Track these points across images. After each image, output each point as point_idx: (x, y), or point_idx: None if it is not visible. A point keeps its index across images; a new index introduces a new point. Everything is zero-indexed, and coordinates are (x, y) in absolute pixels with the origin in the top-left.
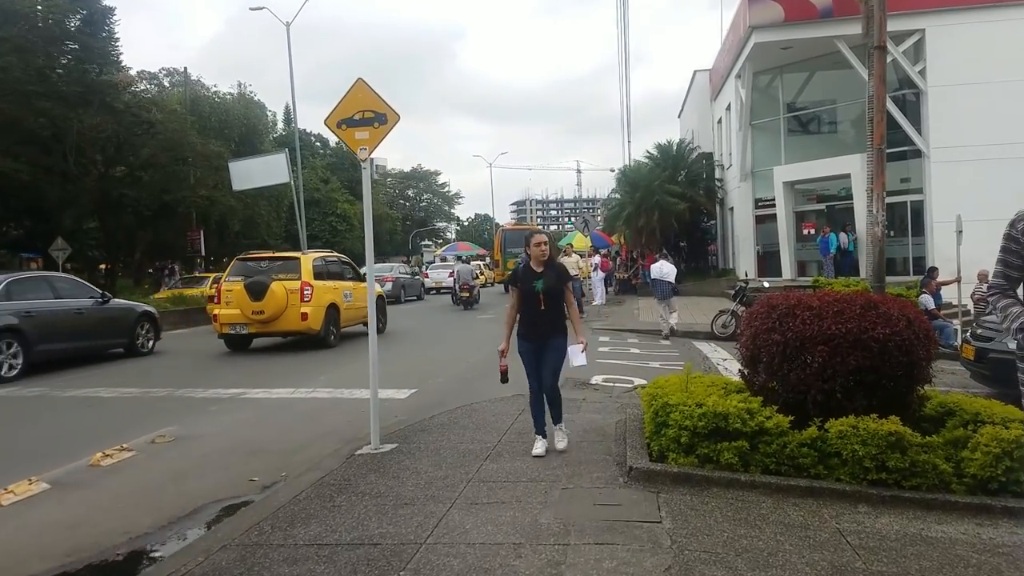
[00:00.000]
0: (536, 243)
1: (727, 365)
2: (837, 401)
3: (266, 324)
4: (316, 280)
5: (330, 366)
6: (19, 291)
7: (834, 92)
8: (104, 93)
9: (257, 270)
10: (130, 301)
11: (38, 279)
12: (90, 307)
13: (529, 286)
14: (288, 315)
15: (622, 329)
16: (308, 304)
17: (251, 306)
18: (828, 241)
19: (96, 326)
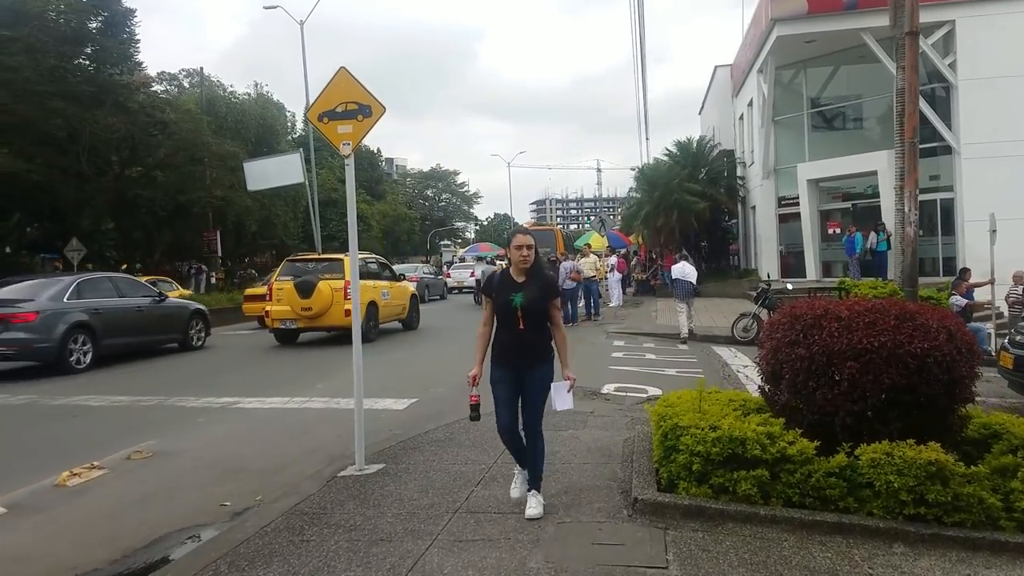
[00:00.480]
0: (517, 245)
1: (748, 373)
2: (868, 424)
3: (313, 320)
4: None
5: (333, 370)
6: (88, 290)
7: (859, 87)
8: (117, 93)
9: (305, 270)
10: (183, 300)
11: (103, 279)
12: (148, 305)
13: (506, 300)
14: (333, 312)
15: (638, 332)
16: (351, 302)
17: (300, 303)
18: (854, 241)
19: (154, 323)
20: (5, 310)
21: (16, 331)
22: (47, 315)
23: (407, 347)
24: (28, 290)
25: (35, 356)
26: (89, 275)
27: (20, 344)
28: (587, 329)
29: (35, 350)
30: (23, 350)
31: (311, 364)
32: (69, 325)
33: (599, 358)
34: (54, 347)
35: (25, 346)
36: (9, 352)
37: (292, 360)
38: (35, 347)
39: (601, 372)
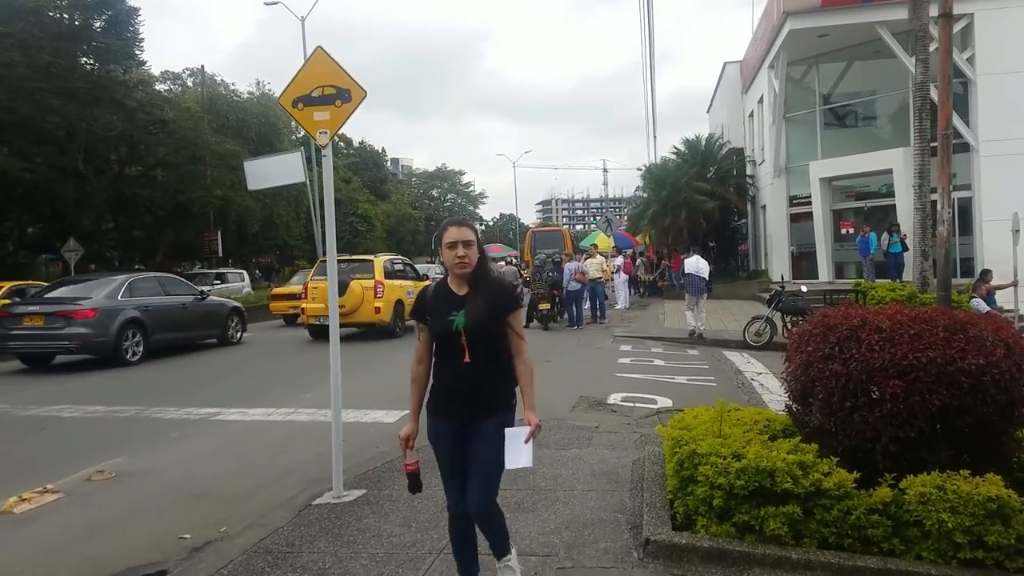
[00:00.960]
0: (450, 242)
1: (763, 381)
2: (914, 450)
3: (346, 316)
4: (386, 279)
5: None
6: (138, 289)
7: (873, 83)
8: (114, 90)
9: (338, 270)
10: (221, 298)
11: (151, 279)
12: (191, 303)
13: (443, 323)
14: (364, 309)
15: (645, 336)
16: (380, 300)
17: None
18: (868, 241)
19: (197, 319)
20: (67, 307)
21: (77, 327)
22: (104, 312)
23: (403, 352)
24: (85, 289)
25: (93, 350)
26: (139, 275)
27: (81, 339)
28: (593, 332)
29: (94, 344)
30: (84, 344)
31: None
32: (123, 321)
33: (605, 364)
34: (111, 341)
35: (85, 340)
36: (72, 346)
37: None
38: (94, 341)
39: (607, 380)
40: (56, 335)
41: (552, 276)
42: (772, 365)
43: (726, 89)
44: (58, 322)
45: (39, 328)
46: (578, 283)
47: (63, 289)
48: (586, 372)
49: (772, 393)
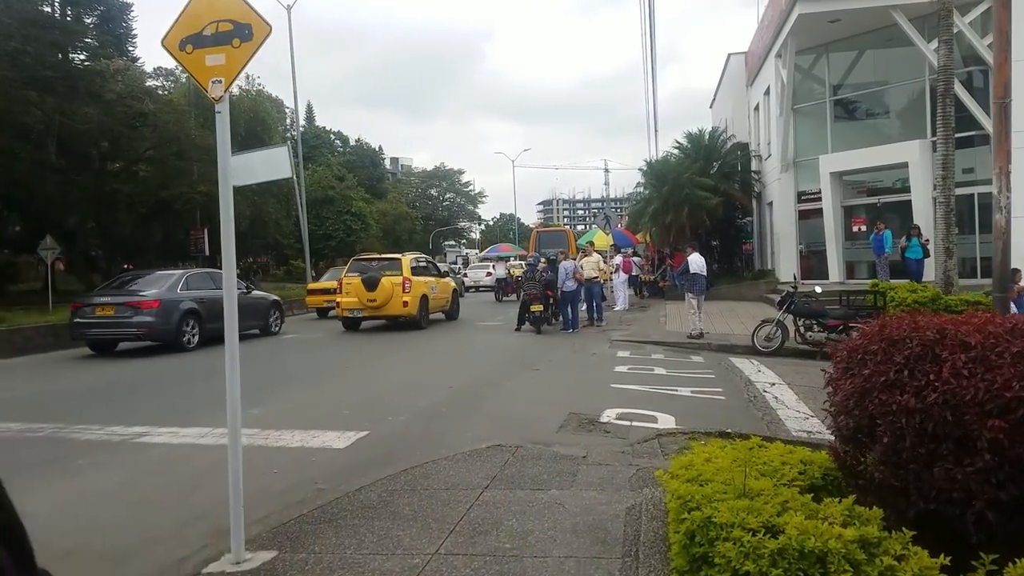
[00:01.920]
0: None
1: (777, 393)
2: (1022, 520)
3: (376, 309)
4: (413, 276)
5: (302, 385)
6: (193, 283)
7: (886, 73)
8: (88, 81)
9: (370, 268)
10: (263, 292)
11: (203, 274)
12: (237, 296)
13: None
14: (393, 302)
15: (645, 341)
16: (408, 294)
17: (366, 295)
18: (883, 239)
19: (243, 311)
20: (134, 299)
21: (144, 316)
22: (166, 303)
23: (376, 359)
24: (148, 283)
25: (158, 337)
26: (194, 270)
27: (148, 326)
28: (589, 336)
29: (158, 332)
30: (150, 332)
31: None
32: (183, 311)
33: (600, 373)
34: (172, 329)
35: (151, 328)
36: (140, 333)
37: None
38: (158, 329)
39: (602, 392)
40: (125, 323)
41: (546, 275)
42: (785, 374)
43: (730, 82)
44: (127, 312)
45: (110, 317)
46: (574, 283)
47: (125, 284)
48: (578, 383)
49: (788, 408)
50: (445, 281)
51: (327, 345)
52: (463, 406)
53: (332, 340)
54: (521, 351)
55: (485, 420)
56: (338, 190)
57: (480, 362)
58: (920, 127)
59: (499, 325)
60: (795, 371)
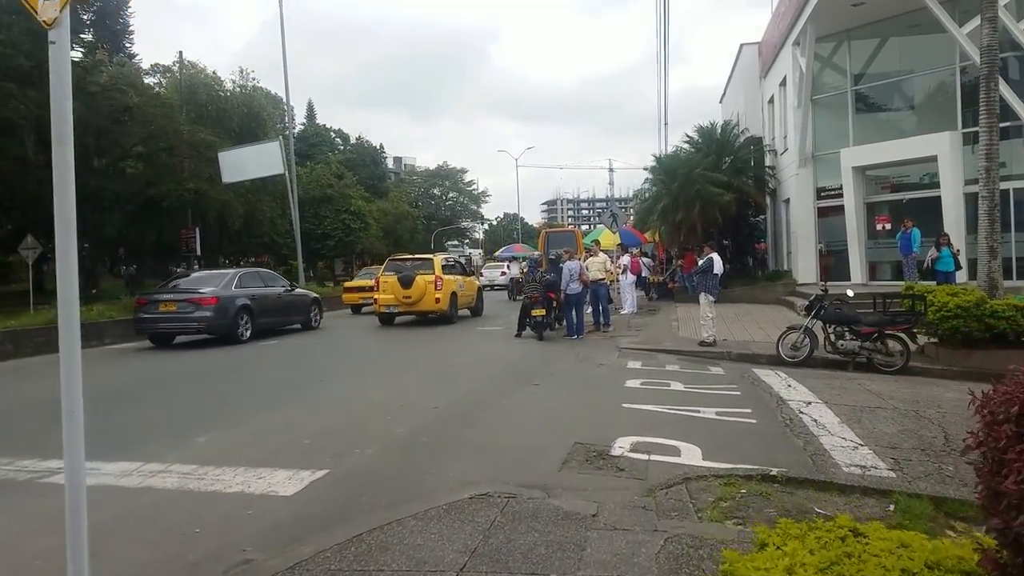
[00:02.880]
0: None
1: (815, 415)
2: None
3: (411, 305)
4: (444, 275)
5: (272, 400)
6: (245, 281)
7: (911, 61)
8: None
9: (405, 267)
10: (305, 289)
11: (253, 273)
12: (283, 293)
13: None
14: (426, 299)
15: (657, 349)
16: (439, 292)
17: (402, 292)
18: (910, 238)
19: (288, 307)
20: (195, 295)
21: (204, 311)
22: (223, 299)
23: (362, 370)
24: (205, 280)
25: (216, 330)
26: (245, 269)
27: (207, 320)
28: (595, 343)
29: (216, 326)
30: (209, 326)
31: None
32: (238, 307)
33: (610, 389)
34: (228, 323)
35: (210, 322)
36: (200, 326)
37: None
38: (217, 323)
39: (612, 414)
40: (187, 318)
41: (548, 277)
42: (819, 390)
43: (743, 74)
44: (188, 307)
45: (173, 312)
46: (579, 285)
47: (186, 282)
48: (585, 402)
49: (832, 435)
50: (471, 279)
51: (316, 349)
52: (447, 433)
53: (333, 340)
54: (520, 361)
55: (472, 453)
56: (336, 188)
57: (473, 375)
58: (949, 119)
59: (499, 331)
60: (829, 386)
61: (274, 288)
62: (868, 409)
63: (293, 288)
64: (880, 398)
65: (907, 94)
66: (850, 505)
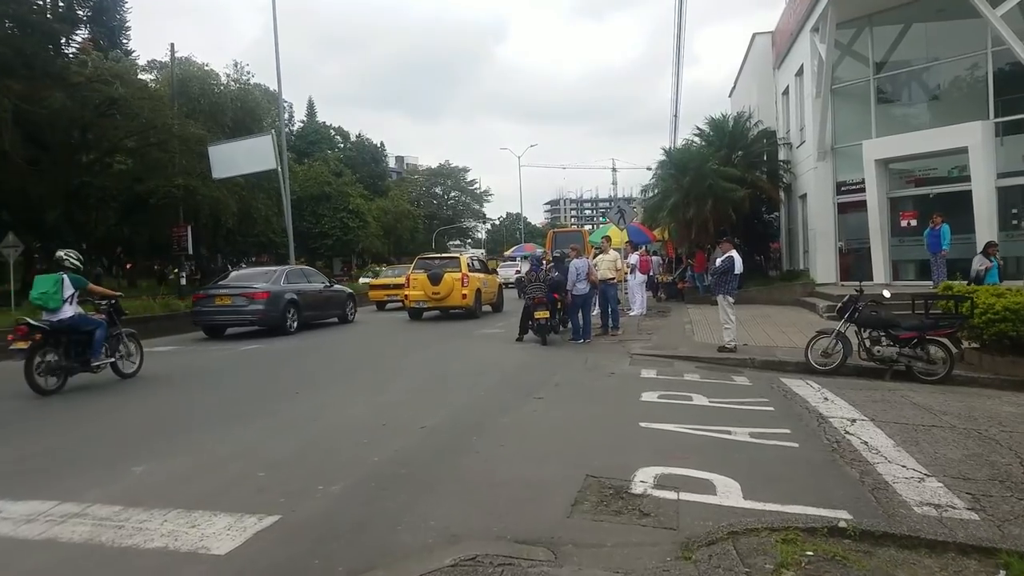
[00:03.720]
0: None
1: (864, 435)
2: None
3: (439, 301)
4: (469, 273)
5: (236, 418)
6: (291, 277)
7: (936, 48)
8: (42, 60)
9: (433, 265)
10: (341, 286)
11: (297, 270)
12: (324, 288)
13: None
14: (454, 295)
15: (674, 355)
16: (466, 288)
17: (431, 289)
18: (940, 234)
19: (328, 302)
20: (248, 290)
21: (257, 304)
22: (274, 294)
23: (347, 378)
24: (255, 277)
25: (267, 323)
26: (291, 267)
27: (260, 314)
28: (604, 349)
29: (268, 318)
30: (261, 319)
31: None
32: (286, 301)
33: (624, 404)
34: (279, 316)
35: (263, 315)
36: (253, 319)
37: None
38: (268, 316)
39: (629, 435)
40: (241, 311)
41: (553, 276)
42: (861, 403)
43: (755, 65)
44: (242, 301)
45: (228, 306)
46: (586, 285)
47: (239, 278)
48: (596, 420)
49: (891, 462)
50: (492, 277)
51: (307, 353)
52: (433, 463)
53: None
54: (522, 370)
55: (461, 492)
56: (335, 187)
57: (470, 385)
58: (979, 108)
59: (499, 333)
60: (871, 399)
61: (315, 284)
62: (922, 428)
63: (332, 284)
64: (931, 414)
65: (933, 82)
66: (947, 570)
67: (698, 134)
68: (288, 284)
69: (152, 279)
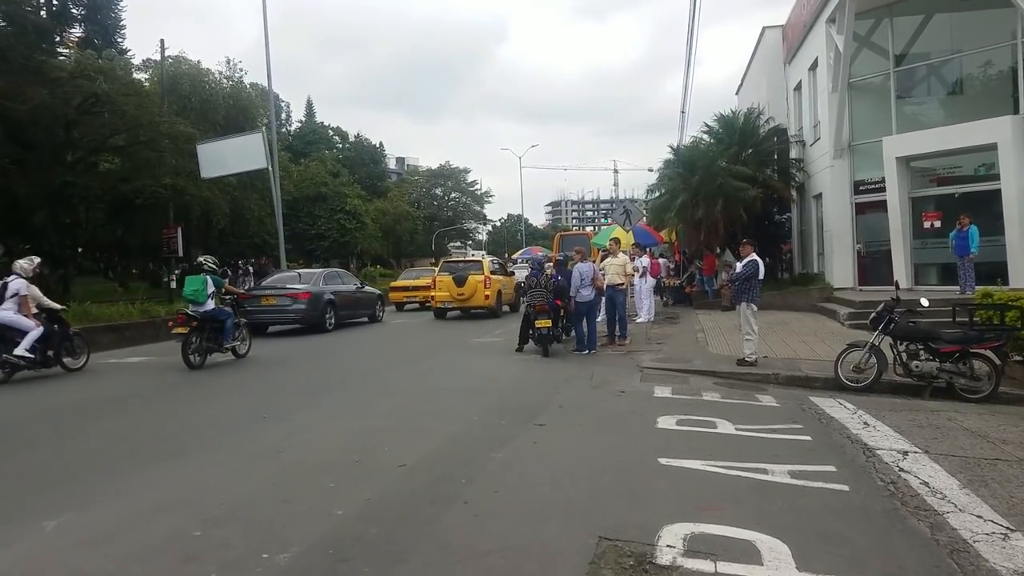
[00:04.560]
0: None
1: (922, 474)
2: None
3: (464, 301)
4: (491, 275)
5: (173, 453)
6: (329, 279)
7: (961, 39)
8: (16, 53)
9: (458, 268)
10: (371, 287)
11: (333, 273)
12: (356, 290)
13: None
14: (477, 296)
15: (687, 369)
16: (488, 290)
17: (456, 290)
18: (967, 236)
19: (360, 302)
20: (292, 291)
21: (300, 304)
22: (315, 295)
23: (327, 394)
24: (296, 279)
25: (307, 321)
26: (328, 269)
27: (303, 312)
28: (611, 361)
29: (309, 317)
30: (303, 317)
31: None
32: (325, 301)
33: (638, 433)
34: (319, 315)
35: (304, 314)
36: (296, 317)
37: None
38: (310, 314)
39: (648, 477)
40: (285, 310)
41: (556, 281)
42: (906, 430)
43: (764, 60)
44: (286, 301)
45: (273, 306)
46: (592, 291)
47: (280, 279)
48: (607, 455)
49: (963, 512)
50: (511, 279)
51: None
52: (409, 518)
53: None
54: (521, 387)
55: (442, 564)
56: (331, 187)
57: (460, 409)
58: (1006, 102)
59: (497, 342)
60: (915, 423)
61: (349, 286)
62: (986, 463)
63: (363, 286)
64: (989, 443)
65: (957, 76)
66: None
67: (707, 131)
68: (326, 285)
69: (147, 281)
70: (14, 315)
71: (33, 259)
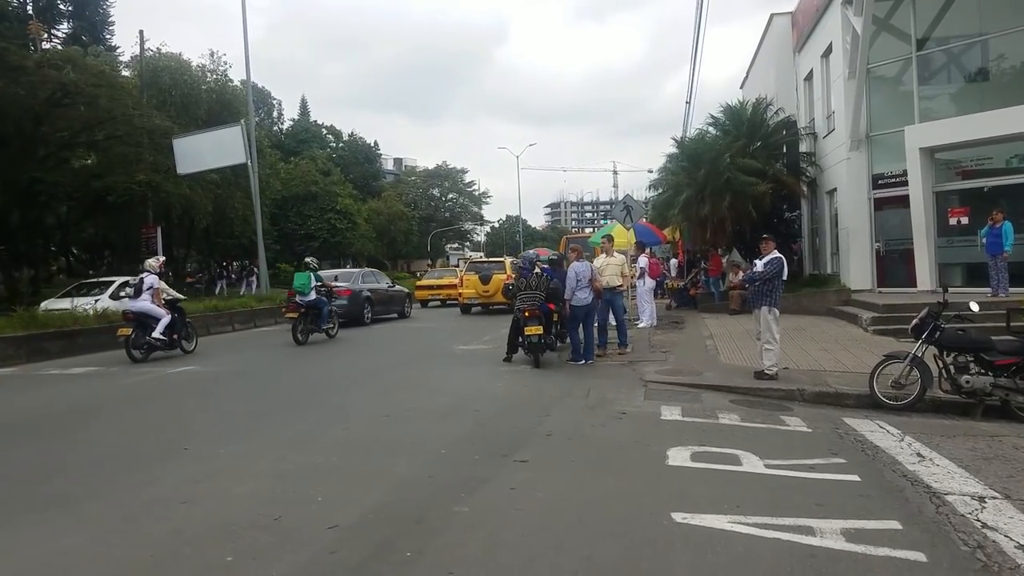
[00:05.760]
0: None
1: (1011, 530)
2: None
3: (488, 298)
4: (513, 275)
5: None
6: (365, 278)
7: (987, 21)
8: None
9: (483, 268)
10: (400, 286)
11: (369, 272)
12: (388, 288)
13: None
14: (500, 294)
15: (699, 384)
16: None
17: (481, 288)
18: (1001, 233)
19: (391, 300)
20: (336, 287)
21: (341, 300)
22: (354, 292)
23: (302, 413)
24: (338, 277)
25: (349, 315)
26: (364, 269)
27: (344, 308)
28: (610, 373)
29: (350, 312)
30: (345, 312)
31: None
32: (364, 298)
33: (646, 477)
34: (358, 310)
35: (346, 310)
36: (339, 312)
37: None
38: (350, 310)
39: (661, 548)
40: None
41: (551, 283)
42: (974, 465)
43: (772, 49)
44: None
45: None
46: (589, 294)
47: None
48: (605, 509)
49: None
50: None
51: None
52: None
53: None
54: (504, 408)
55: None
56: (322, 185)
57: (423, 440)
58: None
59: (485, 351)
60: (978, 454)
61: (382, 284)
62: None
63: (394, 285)
64: None
65: (985, 60)
66: None
67: (712, 123)
68: (364, 283)
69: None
70: (151, 304)
71: (159, 257)
